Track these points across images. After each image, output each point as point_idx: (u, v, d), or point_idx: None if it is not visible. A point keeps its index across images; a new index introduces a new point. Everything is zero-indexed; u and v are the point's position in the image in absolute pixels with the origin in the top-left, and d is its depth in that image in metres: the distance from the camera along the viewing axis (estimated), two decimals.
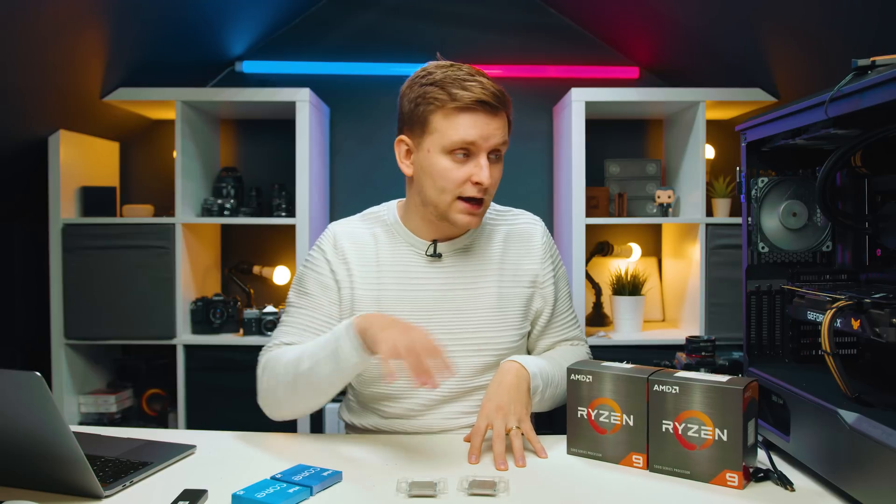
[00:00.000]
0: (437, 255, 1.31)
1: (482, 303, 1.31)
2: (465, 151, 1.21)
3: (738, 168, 1.23)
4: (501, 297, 1.32)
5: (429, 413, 1.29)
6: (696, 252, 2.46)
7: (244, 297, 2.74)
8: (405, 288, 1.30)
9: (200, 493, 0.95)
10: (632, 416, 1.07)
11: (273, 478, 1.00)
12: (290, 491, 0.95)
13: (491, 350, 1.30)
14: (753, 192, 1.21)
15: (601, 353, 2.35)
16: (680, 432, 1.02)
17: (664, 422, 1.04)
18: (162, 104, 2.51)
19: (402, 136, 1.28)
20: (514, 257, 1.36)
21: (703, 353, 2.02)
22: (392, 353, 1.05)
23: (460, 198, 1.23)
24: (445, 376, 1.08)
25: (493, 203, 1.42)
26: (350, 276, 1.30)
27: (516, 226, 1.39)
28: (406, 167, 1.29)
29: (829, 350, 0.96)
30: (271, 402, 1.25)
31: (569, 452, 1.14)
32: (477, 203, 1.24)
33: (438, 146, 1.21)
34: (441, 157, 1.21)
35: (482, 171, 1.20)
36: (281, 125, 2.71)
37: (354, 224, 1.37)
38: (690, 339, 2.06)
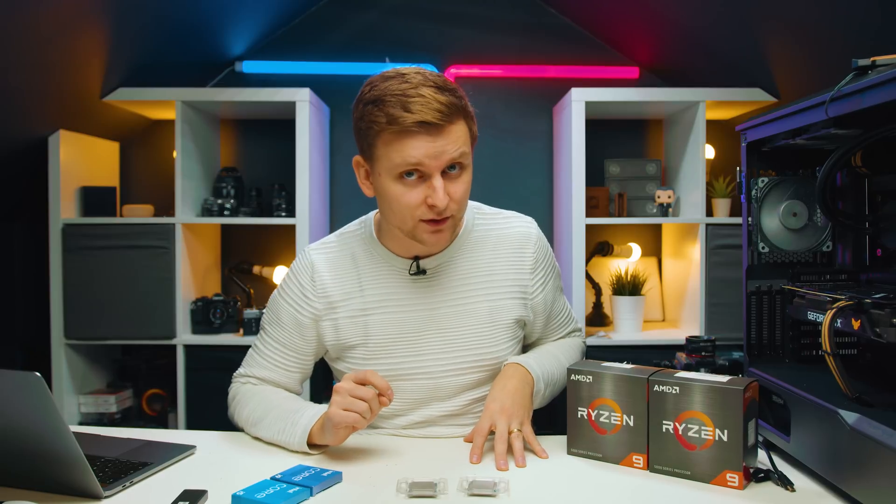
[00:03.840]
0: (420, 273, 1.25)
1: (472, 320, 1.26)
2: (416, 171, 1.10)
3: (738, 168, 1.23)
4: (492, 310, 1.27)
5: (424, 427, 1.28)
6: (696, 252, 2.46)
7: (244, 297, 2.74)
8: (390, 310, 1.25)
9: (200, 494, 0.95)
10: (632, 417, 1.07)
11: (273, 478, 1.00)
12: (290, 491, 0.95)
13: (483, 367, 1.27)
14: (753, 192, 1.21)
15: (601, 353, 2.35)
16: (680, 433, 1.02)
17: (664, 422, 1.04)
18: (162, 104, 2.51)
19: (358, 158, 1.19)
20: (505, 266, 1.29)
21: (703, 353, 2.02)
22: (344, 419, 1.07)
23: (421, 220, 1.14)
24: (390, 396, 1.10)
25: (482, 206, 1.35)
26: (332, 307, 1.26)
27: (508, 231, 1.31)
28: (367, 188, 1.20)
29: (829, 350, 0.95)
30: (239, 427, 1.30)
31: (569, 453, 1.14)
32: (441, 221, 1.14)
33: (386, 171, 1.12)
34: (391, 183, 1.12)
35: (436, 193, 1.10)
36: (281, 125, 2.71)
37: (332, 248, 1.29)
38: (690, 339, 2.06)
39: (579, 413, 1.13)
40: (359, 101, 1.15)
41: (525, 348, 1.41)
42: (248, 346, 2.60)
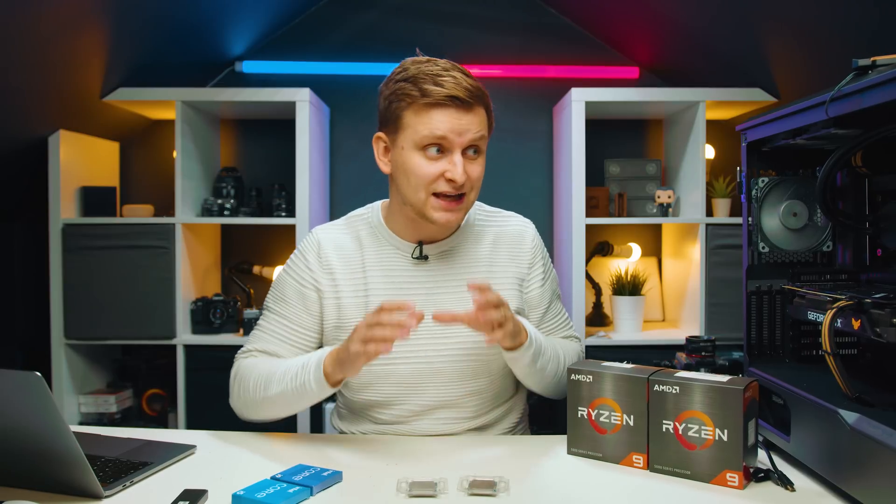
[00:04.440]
0: (422, 258, 1.29)
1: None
2: (438, 147, 1.18)
3: (738, 168, 1.23)
4: None
5: (420, 419, 1.29)
6: (696, 252, 2.46)
7: (244, 297, 2.74)
8: (392, 292, 1.28)
9: (200, 493, 0.95)
10: (632, 416, 1.07)
11: (273, 478, 1.00)
12: (290, 491, 0.95)
13: (481, 355, 1.28)
14: (754, 192, 1.21)
15: (601, 353, 2.35)
16: (680, 432, 1.02)
17: (664, 422, 1.04)
18: (162, 104, 2.51)
19: (380, 133, 1.27)
20: (503, 260, 1.34)
21: (703, 353, 2.02)
22: (365, 350, 1.07)
23: (436, 194, 1.20)
24: (415, 319, 1.08)
25: (482, 204, 1.41)
26: (335, 285, 1.29)
27: (506, 228, 1.37)
28: (384, 164, 1.27)
29: (829, 350, 0.95)
30: (240, 409, 1.29)
31: (569, 452, 1.14)
32: (454, 199, 1.21)
33: (411, 142, 1.19)
34: (414, 154, 1.19)
35: (456, 167, 1.18)
36: (281, 125, 2.71)
37: (338, 229, 1.35)
38: (690, 339, 2.05)
39: (579, 413, 1.13)
40: (389, 80, 1.23)
41: None
42: None
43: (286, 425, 2.39)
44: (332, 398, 1.26)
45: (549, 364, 1.27)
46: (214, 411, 2.45)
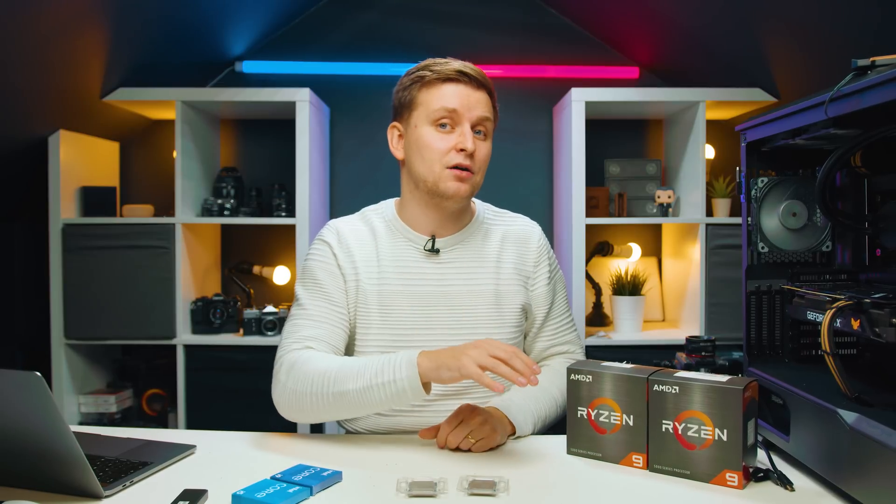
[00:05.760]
0: (434, 250, 1.33)
1: (480, 299, 1.33)
2: (449, 120, 1.26)
3: (738, 168, 1.23)
4: (499, 294, 1.34)
5: (425, 409, 1.29)
6: (696, 252, 2.46)
7: (244, 297, 2.74)
8: (404, 282, 1.31)
9: (200, 493, 0.95)
10: (632, 416, 1.07)
11: (273, 478, 1.00)
12: (290, 491, 0.95)
13: None
14: (753, 192, 1.21)
15: (601, 353, 2.36)
16: (680, 432, 1.02)
17: (664, 422, 1.04)
18: (162, 104, 2.51)
19: (394, 123, 1.35)
20: (511, 257, 1.38)
21: (703, 353, 2.02)
22: (477, 370, 1.05)
23: (448, 167, 1.26)
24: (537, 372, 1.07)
25: (491, 205, 1.46)
26: (355, 268, 1.32)
27: (513, 227, 1.42)
28: (398, 151, 1.34)
29: (828, 350, 0.96)
30: (295, 407, 1.20)
31: (569, 452, 1.14)
32: (466, 171, 1.26)
33: (424, 118, 1.27)
34: (427, 129, 1.27)
35: (465, 137, 1.25)
36: (281, 125, 2.71)
37: (354, 221, 1.39)
38: (690, 339, 2.06)
39: (579, 413, 1.13)
40: (405, 76, 1.32)
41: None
42: (247, 346, 2.60)
43: (286, 425, 2.40)
44: None
45: (549, 417, 1.30)
46: (214, 411, 2.46)
